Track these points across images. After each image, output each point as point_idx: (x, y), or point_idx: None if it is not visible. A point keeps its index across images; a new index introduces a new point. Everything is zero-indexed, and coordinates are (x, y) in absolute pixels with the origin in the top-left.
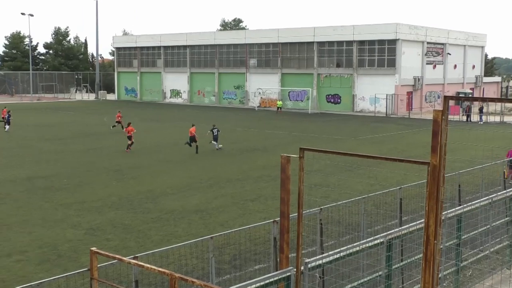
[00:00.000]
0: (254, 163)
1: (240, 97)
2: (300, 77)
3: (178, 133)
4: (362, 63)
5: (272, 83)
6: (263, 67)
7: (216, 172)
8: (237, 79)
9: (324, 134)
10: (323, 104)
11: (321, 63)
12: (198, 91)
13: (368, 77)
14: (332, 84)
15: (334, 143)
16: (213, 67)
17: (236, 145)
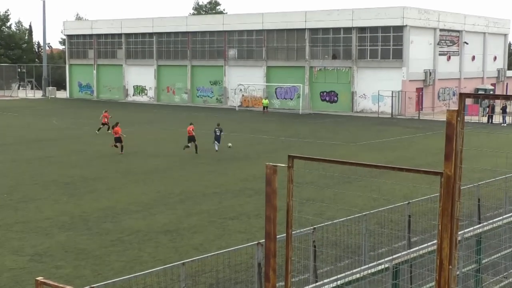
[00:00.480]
0: (235, 174)
1: (218, 94)
2: (289, 71)
3: (143, 138)
4: (363, 54)
5: (256, 78)
6: (245, 59)
7: (189, 185)
8: (213, 74)
9: (318, 139)
10: (317, 103)
11: (314, 54)
12: (167, 87)
13: (370, 71)
14: (328, 79)
15: (330, 149)
16: (185, 59)
17: (212, 152)
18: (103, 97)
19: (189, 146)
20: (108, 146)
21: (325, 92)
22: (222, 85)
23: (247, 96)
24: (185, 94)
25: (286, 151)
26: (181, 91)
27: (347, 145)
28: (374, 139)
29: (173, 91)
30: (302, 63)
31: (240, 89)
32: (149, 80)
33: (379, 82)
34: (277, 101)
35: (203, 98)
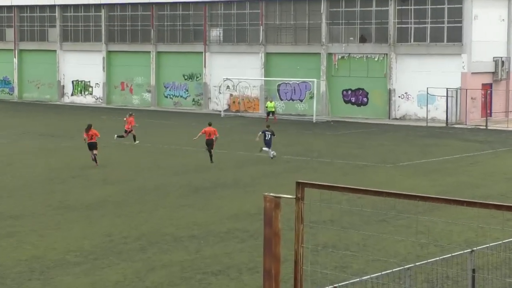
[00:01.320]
0: (220, 209)
1: (195, 94)
2: (298, 59)
3: (87, 158)
4: (405, 35)
5: (250, 70)
6: (233, 42)
7: (153, 225)
8: (189, 64)
9: (339, 158)
10: (338, 106)
11: (333, 36)
12: (122, 83)
13: (416, 60)
14: (354, 72)
15: (356, 173)
16: (147, 42)
17: (188, 177)
18: (28, 97)
19: (210, 152)
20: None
21: (349, 90)
22: (201, 81)
23: (237, 96)
24: (148, 93)
25: (294, 175)
26: (141, 89)
27: (382, 167)
28: (420, 158)
29: (130, 88)
30: (316, 49)
31: (227, 86)
32: (95, 73)
33: (429, 76)
34: (281, 104)
35: (174, 99)
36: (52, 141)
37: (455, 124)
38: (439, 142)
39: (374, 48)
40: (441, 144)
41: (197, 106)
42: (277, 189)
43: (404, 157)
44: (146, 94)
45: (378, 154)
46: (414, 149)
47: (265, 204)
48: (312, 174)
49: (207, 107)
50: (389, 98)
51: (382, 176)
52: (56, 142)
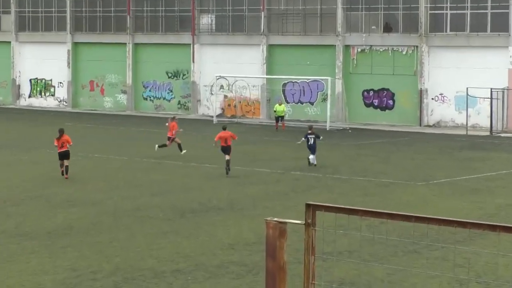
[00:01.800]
0: (211, 237)
1: (181, 95)
2: (308, 53)
3: (46, 175)
4: (439, 23)
5: (248, 66)
6: (228, 32)
7: (128, 257)
8: (173, 58)
9: (358, 174)
10: (358, 109)
11: (352, 24)
12: (91, 82)
13: (453, 53)
14: (377, 69)
15: (380, 193)
16: (123, 31)
17: (172, 197)
18: None
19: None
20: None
21: (371, 91)
22: (188, 79)
23: (233, 98)
24: (123, 94)
25: (303, 196)
26: (115, 89)
27: (412, 185)
28: (459, 175)
29: (101, 88)
30: (330, 40)
31: (221, 86)
32: (59, 70)
33: (469, 74)
34: (287, 108)
35: (156, 101)
36: (5, 153)
37: (501, 132)
38: (482, 154)
39: (402, 39)
40: (484, 157)
41: (183, 110)
42: (283, 213)
43: (439, 173)
44: (120, 95)
45: (406, 170)
46: (451, 163)
47: (268, 231)
48: (325, 195)
49: (196, 111)
50: (420, 101)
51: (411, 197)
52: (11, 155)
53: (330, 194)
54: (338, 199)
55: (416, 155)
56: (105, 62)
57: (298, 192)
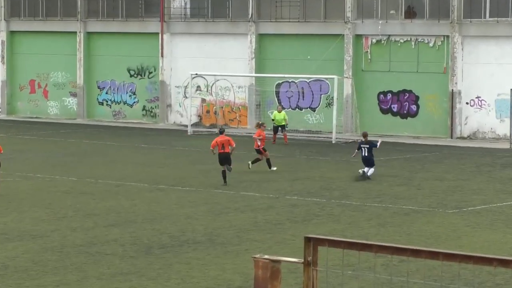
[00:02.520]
0: (185, 279)
1: (147, 98)
2: (308, 45)
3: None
4: (477, 7)
5: (232, 61)
6: (206, 17)
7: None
8: (137, 51)
9: (372, 199)
10: (372, 116)
11: (364, 8)
12: (31, 82)
13: (493, 45)
14: (396, 65)
15: (399, 223)
16: (72, 17)
17: (136, 228)
18: None
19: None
20: None
21: (389, 93)
22: (155, 78)
23: (214, 102)
24: (72, 97)
25: (302, 226)
26: (62, 91)
27: (441, 213)
28: (500, 200)
29: (44, 90)
30: (337, 28)
31: (198, 87)
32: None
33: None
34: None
35: (114, 106)
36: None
37: None
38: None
39: (429, 27)
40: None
41: (149, 118)
42: (275, 248)
43: (476, 198)
44: (69, 99)
45: (434, 194)
46: (491, 185)
47: (257, 271)
48: (330, 225)
49: (166, 119)
50: (452, 106)
51: (440, 228)
52: None
53: (336, 224)
54: (346, 231)
55: (446, 174)
56: (49, 57)
57: (296, 222)
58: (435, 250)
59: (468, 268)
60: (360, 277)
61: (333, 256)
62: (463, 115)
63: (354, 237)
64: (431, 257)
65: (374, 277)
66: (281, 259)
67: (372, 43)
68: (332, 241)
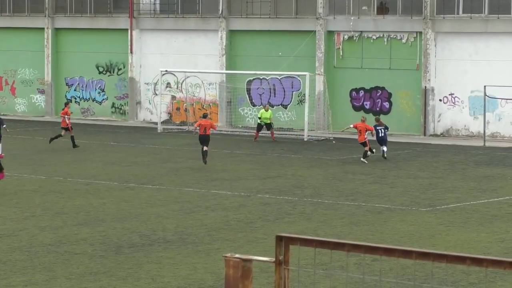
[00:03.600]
0: (156, 279)
1: (116, 95)
2: (279, 41)
3: None
4: (449, 3)
5: (203, 57)
6: (176, 13)
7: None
8: (106, 47)
9: (345, 197)
10: (344, 114)
11: (336, 3)
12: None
13: (467, 41)
14: (369, 62)
15: (372, 221)
16: (39, 12)
17: (105, 227)
18: None
19: None
20: None
21: (362, 90)
22: (124, 75)
23: (184, 99)
24: (40, 94)
25: (273, 225)
26: (30, 88)
27: (414, 211)
28: (475, 198)
29: (11, 87)
30: (309, 24)
31: (168, 84)
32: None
33: (487, 68)
34: (253, 111)
35: (82, 104)
36: None
37: None
38: (504, 172)
39: (401, 23)
40: (507, 175)
41: (119, 115)
42: (247, 247)
43: (449, 196)
44: (37, 96)
45: (407, 192)
46: (464, 183)
47: (228, 271)
48: (302, 224)
49: (135, 117)
50: (425, 103)
51: (413, 226)
52: None
53: (308, 223)
54: (318, 230)
55: (419, 172)
56: (17, 53)
57: (268, 221)
58: (408, 249)
59: (442, 267)
60: (333, 276)
61: (305, 255)
62: (436, 112)
63: (327, 235)
64: (404, 256)
65: (347, 276)
66: (252, 258)
67: (344, 40)
68: (304, 240)
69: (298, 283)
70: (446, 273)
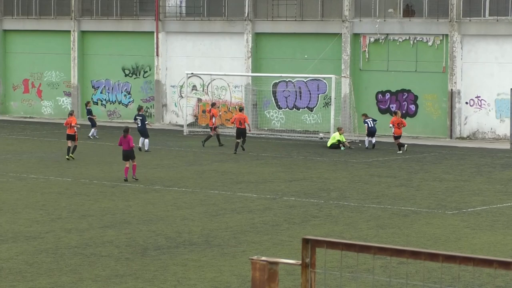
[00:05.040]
0: (182, 281)
1: (142, 98)
2: (307, 43)
3: None
4: (476, 6)
5: (229, 60)
6: (202, 16)
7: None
8: (132, 50)
9: (370, 200)
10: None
11: (362, 6)
12: (25, 81)
13: (494, 44)
14: (394, 64)
15: (398, 224)
16: (65, 15)
17: (131, 229)
18: None
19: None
20: None
21: (388, 93)
22: (150, 78)
23: (209, 101)
24: (66, 96)
25: (299, 228)
26: (56, 91)
27: (440, 214)
28: (501, 201)
29: (38, 90)
30: (335, 27)
31: (194, 87)
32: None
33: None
34: (279, 114)
35: (108, 106)
36: None
37: None
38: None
39: (427, 26)
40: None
41: (147, 119)
42: (273, 250)
43: (476, 199)
44: (63, 98)
45: (433, 194)
46: (491, 186)
47: (254, 273)
48: (328, 226)
49: (161, 119)
50: (451, 106)
51: (439, 230)
52: None
53: (334, 225)
54: (344, 232)
55: (445, 175)
56: (43, 56)
57: (293, 223)
58: (435, 252)
59: (468, 270)
60: (359, 279)
61: (331, 257)
62: (463, 115)
63: (353, 238)
64: (431, 259)
65: (373, 279)
66: (278, 260)
67: (370, 42)
68: (330, 243)
69: (324, 286)
70: (473, 276)
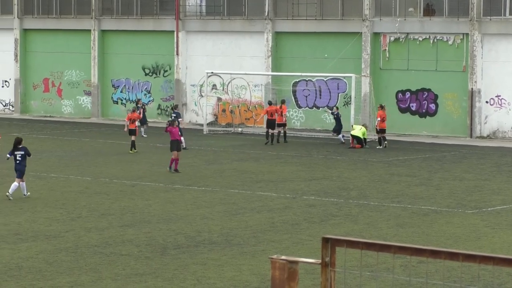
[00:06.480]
0: (201, 280)
1: (162, 97)
2: (327, 42)
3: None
4: (496, 5)
5: (249, 59)
6: (222, 15)
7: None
8: (152, 49)
9: (390, 199)
10: (390, 115)
11: (383, 5)
12: (45, 80)
13: None
14: (415, 63)
15: (418, 223)
16: (86, 14)
17: (151, 228)
18: None
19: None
20: None
21: (408, 92)
22: (171, 77)
23: (230, 100)
24: (86, 95)
25: (319, 227)
26: (77, 90)
27: (460, 213)
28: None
29: (58, 89)
30: (355, 26)
31: (214, 86)
32: (3, 65)
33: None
34: (299, 113)
35: (128, 105)
36: None
37: None
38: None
39: (448, 25)
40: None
41: (165, 117)
42: (292, 249)
43: (496, 199)
44: (83, 98)
45: (453, 194)
46: (511, 185)
47: (273, 272)
48: (348, 225)
49: (184, 118)
50: (471, 105)
51: (459, 229)
52: None
53: (353, 224)
54: (364, 232)
55: (465, 174)
56: (63, 55)
57: (313, 223)
58: (455, 251)
59: (488, 269)
60: (379, 278)
61: (351, 257)
62: (483, 114)
63: (372, 237)
64: (451, 258)
65: (393, 278)
66: (298, 260)
67: (390, 41)
68: (350, 242)
69: (344, 285)
70: (493, 276)
